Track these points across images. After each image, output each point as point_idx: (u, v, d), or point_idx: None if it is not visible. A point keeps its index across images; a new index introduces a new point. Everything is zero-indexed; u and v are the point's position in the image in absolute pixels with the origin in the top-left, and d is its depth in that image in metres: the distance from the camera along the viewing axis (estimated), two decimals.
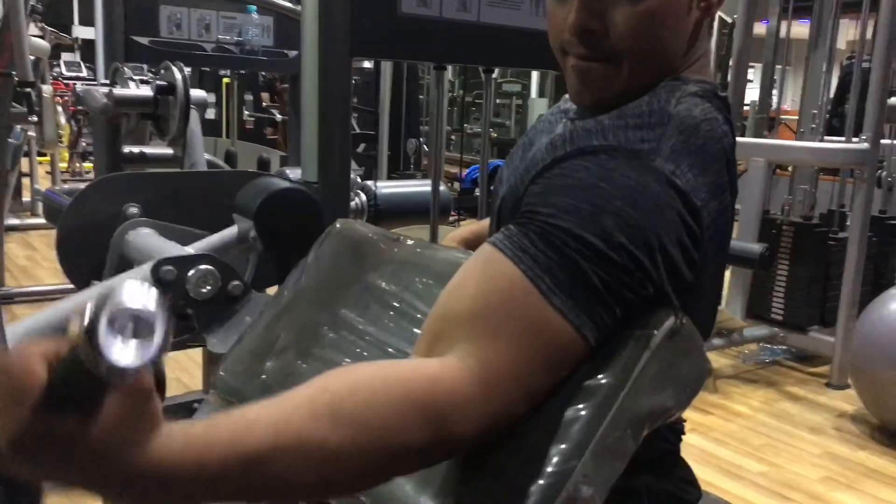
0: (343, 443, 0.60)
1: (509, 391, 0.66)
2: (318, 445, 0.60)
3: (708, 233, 0.74)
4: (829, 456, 2.70)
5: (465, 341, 0.68)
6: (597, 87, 0.80)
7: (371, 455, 0.62)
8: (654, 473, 0.90)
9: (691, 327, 0.74)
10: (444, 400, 0.64)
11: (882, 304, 2.85)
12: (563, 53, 0.82)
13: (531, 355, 0.67)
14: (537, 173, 0.75)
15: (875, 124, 3.19)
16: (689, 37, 0.82)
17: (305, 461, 0.60)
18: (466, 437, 0.65)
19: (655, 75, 0.80)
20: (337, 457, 0.60)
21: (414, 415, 0.63)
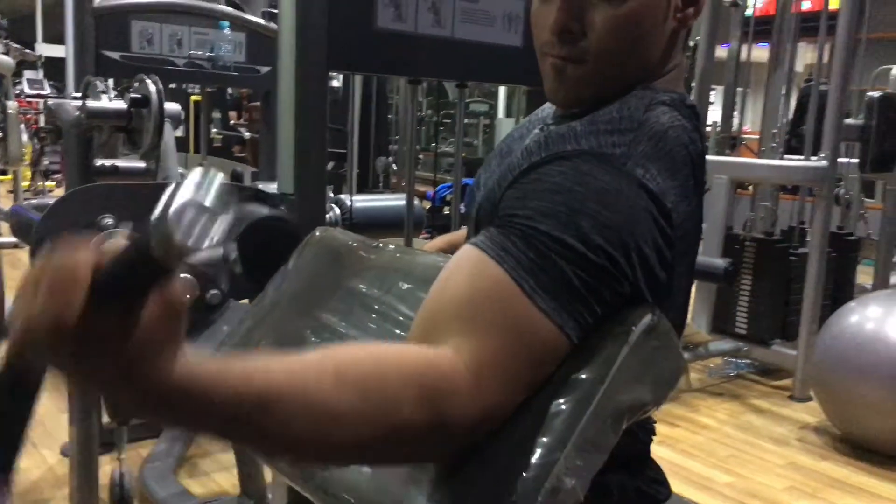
0: (343, 407, 0.61)
1: (499, 385, 0.68)
2: (320, 403, 0.61)
3: (677, 234, 0.77)
4: (792, 466, 2.76)
5: (457, 335, 0.69)
6: (572, 86, 0.83)
7: (368, 425, 0.62)
8: (626, 471, 0.92)
9: (667, 324, 0.76)
10: (441, 383, 0.65)
11: (841, 318, 2.93)
12: (543, 54, 0.85)
13: (517, 352, 0.69)
14: (514, 178, 0.77)
15: (833, 143, 3.29)
16: (665, 46, 0.85)
17: (308, 416, 0.61)
18: (460, 426, 0.66)
19: (629, 79, 0.83)
20: (336, 419, 0.61)
21: (413, 392, 0.64)
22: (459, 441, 0.68)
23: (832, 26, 3.46)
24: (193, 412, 0.58)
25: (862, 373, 2.73)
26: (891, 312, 2.78)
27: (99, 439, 1.91)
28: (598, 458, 0.72)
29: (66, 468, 2.16)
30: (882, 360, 2.69)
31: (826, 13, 3.73)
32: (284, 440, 0.62)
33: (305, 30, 1.58)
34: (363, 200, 2.10)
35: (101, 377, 0.54)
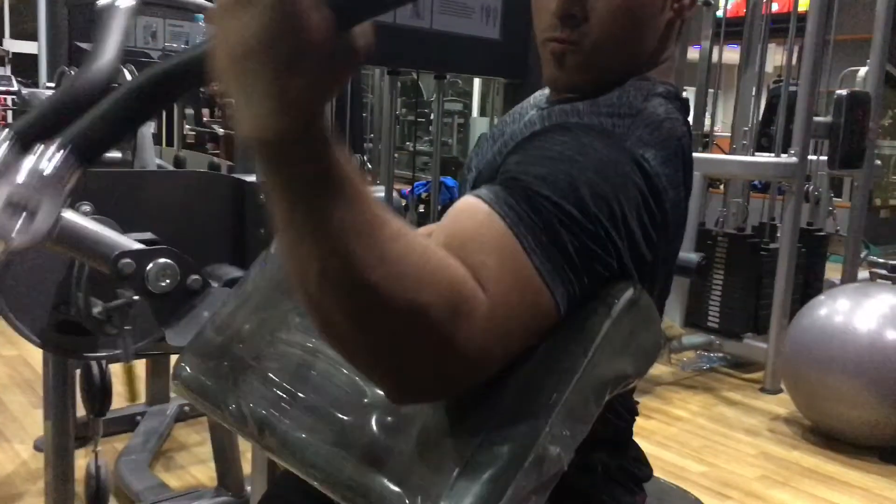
0: (394, 256, 0.59)
1: (501, 331, 0.66)
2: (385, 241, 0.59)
3: (667, 218, 0.79)
4: (764, 456, 2.81)
5: (471, 268, 0.66)
6: (571, 72, 0.85)
7: (402, 286, 0.59)
8: (610, 450, 0.94)
9: (648, 299, 0.78)
10: (467, 293, 0.63)
11: (810, 312, 2.99)
12: (543, 40, 0.87)
13: (517, 306, 0.67)
14: (516, 145, 0.78)
15: (803, 140, 3.36)
16: (661, 36, 0.87)
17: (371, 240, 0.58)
18: (465, 349, 0.63)
19: (626, 67, 0.85)
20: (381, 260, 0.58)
21: (444, 282, 0.61)
22: (455, 370, 0.64)
23: (801, 28, 3.53)
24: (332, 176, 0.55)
25: (830, 365, 2.79)
26: (859, 306, 2.84)
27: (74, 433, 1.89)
28: (582, 429, 0.73)
29: (40, 462, 2.13)
30: (850, 352, 2.75)
31: (795, 15, 3.80)
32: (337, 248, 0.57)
33: None
34: None
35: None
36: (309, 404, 0.85)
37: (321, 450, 0.80)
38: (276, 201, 0.56)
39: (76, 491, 1.89)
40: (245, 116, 0.53)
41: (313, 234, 0.57)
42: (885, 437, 2.78)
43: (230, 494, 2.10)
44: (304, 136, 0.53)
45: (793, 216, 3.39)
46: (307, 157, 0.54)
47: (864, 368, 2.70)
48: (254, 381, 0.94)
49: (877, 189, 7.93)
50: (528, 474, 0.70)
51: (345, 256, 0.57)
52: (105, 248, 1.20)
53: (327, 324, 0.62)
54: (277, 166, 0.55)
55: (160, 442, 2.51)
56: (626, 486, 0.97)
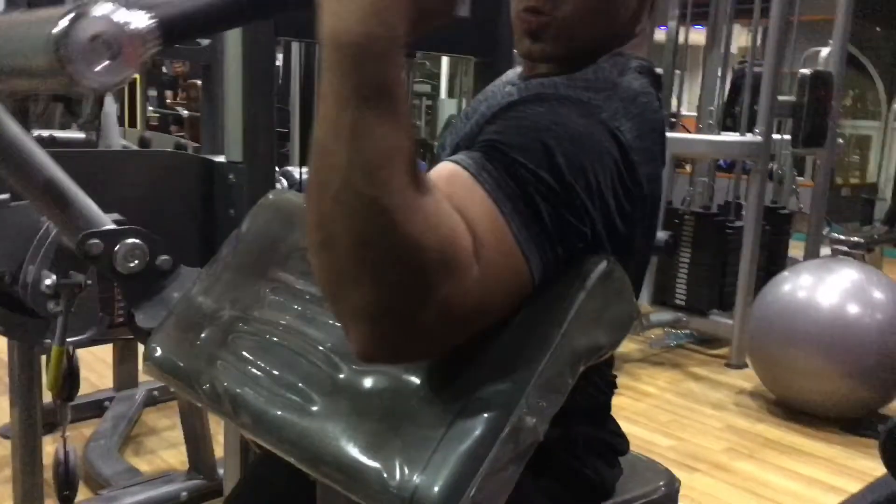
0: (409, 191, 0.59)
1: (486, 293, 0.66)
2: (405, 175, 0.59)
3: (642, 191, 0.79)
4: (730, 429, 2.87)
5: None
6: (546, 44, 0.85)
7: (405, 219, 0.58)
8: (589, 423, 0.96)
9: (622, 272, 0.79)
10: (462, 254, 0.62)
11: (774, 288, 3.04)
12: (518, 13, 0.86)
13: (499, 273, 0.67)
14: (493, 114, 0.78)
15: (767, 119, 3.40)
16: (634, 9, 0.88)
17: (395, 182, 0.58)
18: (451, 304, 0.62)
19: (600, 38, 0.86)
20: (396, 192, 0.58)
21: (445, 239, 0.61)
22: (438, 326, 0.63)
23: (766, 9, 3.56)
24: (395, 88, 0.58)
25: (793, 340, 2.85)
26: (821, 282, 2.90)
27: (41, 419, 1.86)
28: (558, 399, 0.74)
29: (7, 450, 2.10)
30: (812, 327, 2.81)
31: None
32: (383, 187, 0.58)
33: None
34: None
35: None
36: (284, 382, 0.85)
37: (297, 427, 0.80)
38: (330, 102, 0.58)
39: (45, 478, 1.86)
40: (330, 15, 0.56)
41: (352, 142, 0.57)
42: (847, 408, 2.85)
43: (202, 478, 2.09)
44: (385, 48, 0.56)
45: (757, 195, 3.45)
46: (378, 69, 0.56)
47: (826, 343, 2.77)
48: (227, 359, 0.93)
49: (838, 168, 8.09)
50: (504, 445, 0.70)
51: (372, 173, 0.57)
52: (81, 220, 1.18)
53: (327, 243, 0.61)
54: (348, 70, 0.56)
55: (129, 427, 2.48)
56: (605, 459, 0.99)
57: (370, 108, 0.57)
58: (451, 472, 0.70)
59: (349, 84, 0.56)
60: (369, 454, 0.75)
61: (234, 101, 1.61)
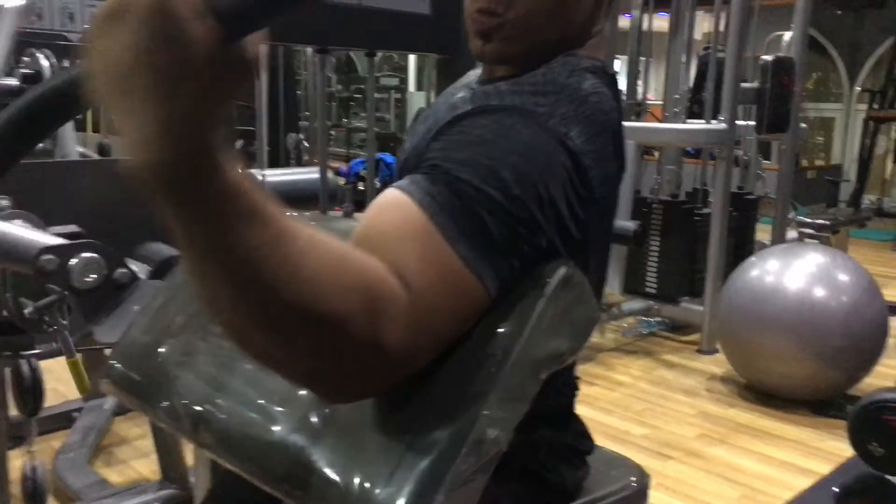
0: (308, 266, 0.57)
1: (429, 323, 0.66)
2: (297, 254, 0.57)
3: (594, 195, 0.78)
4: (702, 415, 2.90)
5: (393, 263, 0.65)
6: (498, 45, 0.84)
7: (319, 298, 0.58)
8: (552, 427, 0.95)
9: (581, 276, 0.79)
10: (386, 294, 0.62)
11: (742, 273, 3.07)
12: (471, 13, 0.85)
13: (443, 297, 0.67)
14: (439, 130, 0.77)
15: (731, 106, 3.43)
16: (589, 10, 0.87)
17: (282, 254, 0.56)
18: (389, 348, 0.63)
19: (554, 39, 0.84)
20: (299, 279, 0.57)
21: (360, 293, 0.60)
22: (382, 368, 0.64)
23: None
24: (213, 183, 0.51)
25: (762, 324, 2.88)
26: (788, 266, 2.94)
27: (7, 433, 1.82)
28: (520, 409, 0.74)
29: None
30: (779, 311, 2.84)
31: None
32: (250, 270, 0.55)
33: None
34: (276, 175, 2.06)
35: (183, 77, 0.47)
36: (244, 399, 0.84)
37: (260, 445, 0.79)
38: (173, 225, 0.53)
39: (13, 493, 1.83)
40: (130, 141, 0.49)
41: (215, 258, 0.54)
42: (816, 390, 2.89)
43: (174, 487, 2.06)
44: (193, 159, 0.49)
45: (723, 181, 3.47)
46: (198, 181, 0.50)
47: (794, 326, 2.80)
48: (187, 376, 0.91)
49: (803, 151, 8.19)
50: (467, 457, 0.70)
51: (252, 278, 0.55)
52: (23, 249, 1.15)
53: (245, 343, 0.61)
54: (168, 191, 0.51)
55: (99, 437, 2.44)
56: (570, 462, 0.99)
57: (214, 221, 0.53)
58: (415, 487, 0.70)
59: (177, 206, 0.52)
60: (332, 470, 0.74)
61: None
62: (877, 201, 7.56)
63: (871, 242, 6.18)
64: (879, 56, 7.82)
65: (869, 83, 7.90)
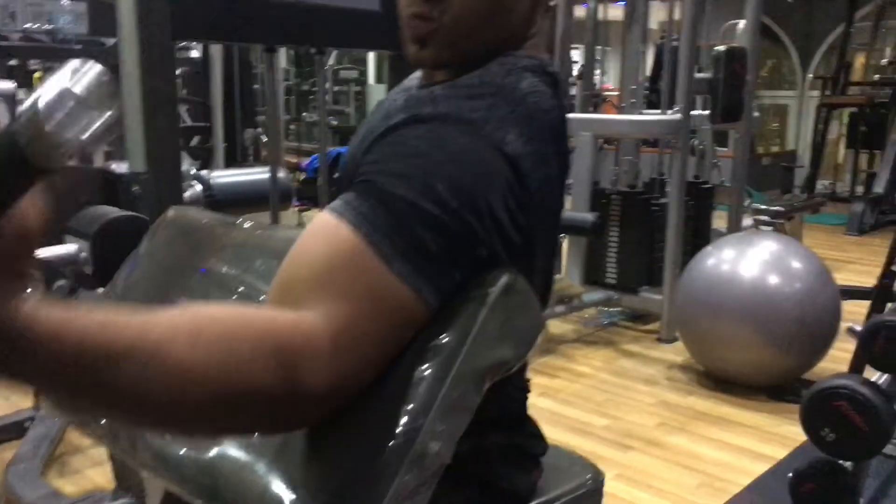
0: (196, 366, 0.59)
1: (357, 351, 0.67)
2: (174, 360, 0.58)
3: (534, 199, 0.78)
4: (662, 404, 2.93)
5: (314, 301, 0.67)
6: (434, 50, 0.82)
7: (221, 386, 0.60)
8: (503, 431, 0.95)
9: (524, 284, 0.78)
10: (298, 347, 0.63)
11: (699, 262, 3.11)
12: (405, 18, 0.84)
13: (376, 319, 0.68)
14: (373, 141, 0.76)
15: (686, 97, 3.46)
16: (527, 11, 0.86)
17: (159, 372, 0.57)
18: (315, 393, 0.64)
19: (491, 41, 0.83)
20: (188, 379, 0.59)
21: (268, 356, 0.62)
22: (315, 408, 0.66)
23: None
24: (36, 355, 0.52)
25: (718, 312, 2.92)
26: (743, 255, 2.98)
27: None
28: (463, 420, 0.73)
29: None
30: (735, 298, 2.88)
31: None
32: (134, 398, 0.58)
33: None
34: (225, 175, 2.02)
35: None
36: None
37: (196, 463, 0.77)
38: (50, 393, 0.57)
39: None
40: None
41: (81, 405, 0.59)
42: (772, 376, 2.94)
43: (129, 496, 2.02)
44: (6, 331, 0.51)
45: (679, 171, 3.50)
46: (10, 362, 0.52)
47: (749, 313, 2.84)
48: None
49: (759, 138, 8.33)
50: (409, 472, 0.69)
51: (147, 407, 0.58)
52: None
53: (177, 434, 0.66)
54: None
55: (52, 447, 2.38)
56: (521, 466, 0.98)
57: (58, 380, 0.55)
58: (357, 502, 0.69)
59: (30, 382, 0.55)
60: (274, 488, 0.73)
61: (134, 108, 1.54)
62: (830, 186, 7.72)
63: (825, 227, 6.30)
64: (830, 44, 7.97)
65: (821, 70, 8.06)
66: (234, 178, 2.08)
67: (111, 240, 1.34)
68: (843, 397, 1.75)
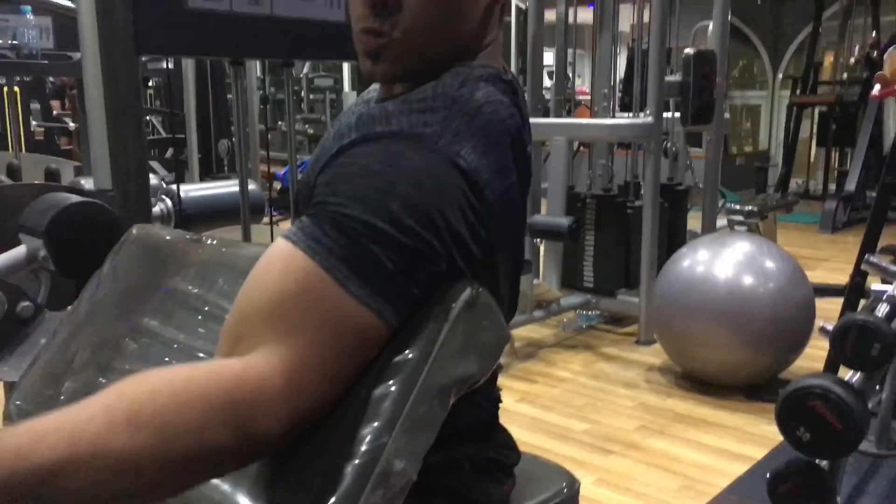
0: (143, 451, 0.59)
1: (315, 383, 0.67)
2: (115, 455, 0.58)
3: (493, 210, 0.78)
4: (642, 407, 2.94)
5: (268, 339, 0.67)
6: (387, 65, 0.82)
7: (174, 462, 0.60)
8: (474, 442, 0.94)
9: (487, 297, 0.77)
10: (248, 399, 0.64)
11: (675, 264, 3.13)
12: (357, 33, 0.83)
13: (334, 344, 0.68)
14: (325, 163, 0.76)
15: (656, 100, 3.48)
16: (480, 21, 0.85)
17: (103, 472, 0.58)
18: (274, 435, 0.65)
19: (446, 53, 0.83)
20: (138, 466, 0.59)
21: (217, 417, 0.62)
22: (277, 444, 0.67)
23: None
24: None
25: (694, 313, 2.94)
26: (717, 255, 3.00)
27: None
28: (428, 436, 0.72)
29: None
30: (710, 299, 2.90)
31: None
32: (89, 500, 0.59)
33: (108, 12, 1.48)
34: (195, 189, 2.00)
35: None
36: None
37: None
38: None
39: None
40: None
41: None
42: (749, 376, 2.96)
43: None
44: None
45: (652, 174, 3.53)
46: None
47: (724, 314, 2.86)
48: None
49: (732, 138, 8.41)
50: (374, 491, 0.68)
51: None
52: None
53: None
54: None
55: None
56: (493, 477, 0.97)
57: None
58: None
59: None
60: None
61: (97, 124, 1.52)
62: (803, 185, 7.80)
63: (799, 226, 6.37)
64: (799, 43, 8.07)
65: (791, 70, 8.15)
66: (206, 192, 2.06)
67: (67, 230, 1.29)
68: (817, 397, 1.76)
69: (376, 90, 0.95)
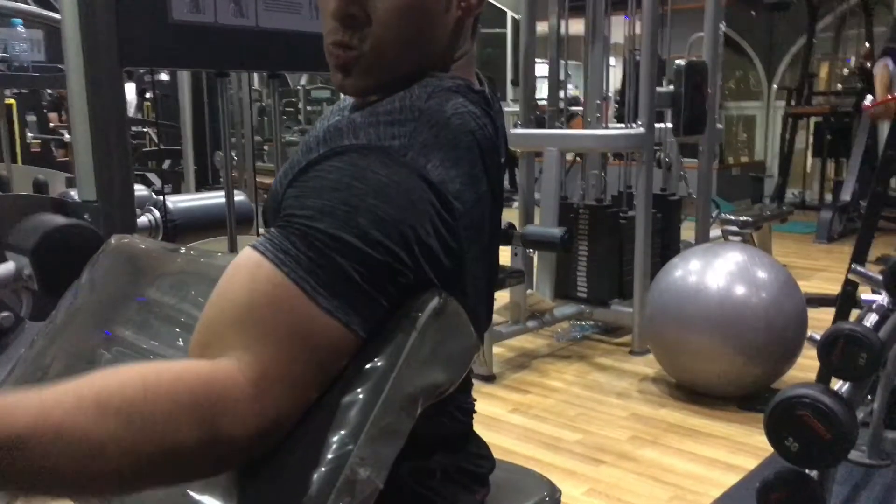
0: (106, 437, 0.60)
1: (283, 392, 0.67)
2: (79, 437, 0.59)
3: (463, 221, 0.78)
4: (634, 417, 2.93)
5: (236, 345, 0.68)
6: (358, 78, 0.82)
7: (136, 452, 0.61)
8: (445, 452, 0.94)
9: (456, 306, 0.77)
10: (216, 400, 0.64)
11: (667, 274, 3.13)
12: (327, 46, 0.84)
13: (302, 356, 0.68)
14: (294, 177, 0.76)
15: (648, 111, 3.49)
16: (451, 35, 0.86)
17: (65, 451, 0.58)
18: (240, 439, 0.66)
19: (415, 67, 0.83)
20: (100, 450, 0.60)
21: (184, 414, 0.63)
22: (244, 452, 0.67)
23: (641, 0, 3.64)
24: None
25: (687, 323, 2.93)
26: (709, 265, 3.00)
27: None
28: (395, 445, 0.72)
29: None
30: (703, 309, 2.90)
31: None
32: (47, 476, 0.59)
33: (92, 24, 1.48)
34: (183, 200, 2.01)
35: None
36: None
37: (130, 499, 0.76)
38: None
39: None
40: None
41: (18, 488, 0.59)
42: (742, 386, 2.96)
43: None
44: None
45: (645, 184, 3.53)
46: None
47: (717, 324, 2.86)
48: None
49: (728, 148, 8.43)
50: (339, 499, 0.68)
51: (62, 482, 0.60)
52: None
53: None
54: None
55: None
56: (465, 486, 0.97)
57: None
58: None
59: None
60: None
61: (82, 136, 1.53)
62: (799, 195, 7.81)
63: (795, 236, 6.37)
64: (794, 54, 8.10)
65: (786, 81, 8.18)
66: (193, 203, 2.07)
67: (54, 252, 1.31)
68: (805, 406, 1.75)
69: (351, 99, 0.95)
